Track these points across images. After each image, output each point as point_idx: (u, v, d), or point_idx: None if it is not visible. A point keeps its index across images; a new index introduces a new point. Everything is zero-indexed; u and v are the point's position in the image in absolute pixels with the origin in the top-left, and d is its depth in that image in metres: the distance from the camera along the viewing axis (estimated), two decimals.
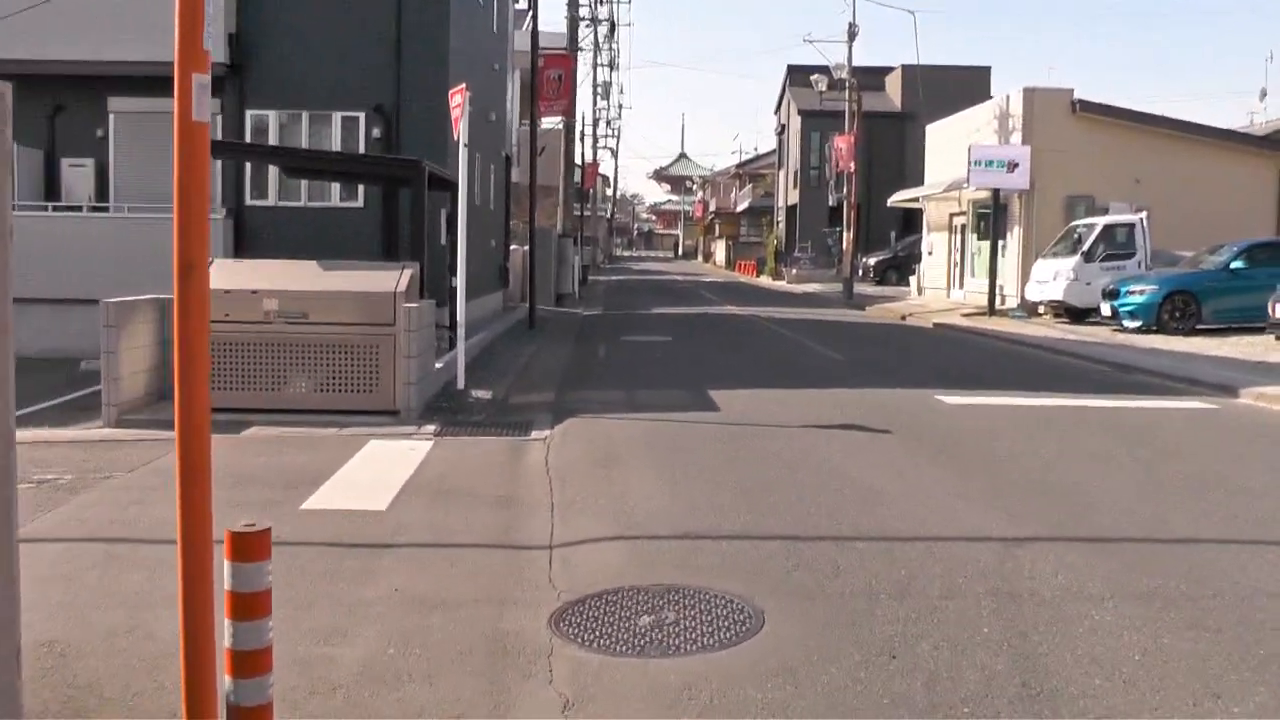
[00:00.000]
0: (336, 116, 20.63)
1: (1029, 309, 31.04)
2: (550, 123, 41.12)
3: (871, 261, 54.34)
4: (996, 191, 31.74)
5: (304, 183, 20.90)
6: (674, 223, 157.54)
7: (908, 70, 60.28)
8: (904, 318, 32.44)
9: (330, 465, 10.22)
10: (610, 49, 55.63)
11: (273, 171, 20.61)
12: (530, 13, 25.77)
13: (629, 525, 7.96)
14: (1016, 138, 32.64)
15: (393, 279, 13.04)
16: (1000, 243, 32.31)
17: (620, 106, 71.04)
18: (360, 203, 20.91)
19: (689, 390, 15.39)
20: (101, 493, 9.22)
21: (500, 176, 30.10)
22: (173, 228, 3.85)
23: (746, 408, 13.66)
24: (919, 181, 56.13)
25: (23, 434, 12.38)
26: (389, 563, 7.05)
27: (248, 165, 20.94)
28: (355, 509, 8.57)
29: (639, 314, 33.29)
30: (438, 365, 14.84)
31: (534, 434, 11.89)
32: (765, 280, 60.20)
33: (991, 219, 32.03)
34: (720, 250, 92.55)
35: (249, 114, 20.79)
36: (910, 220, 58.64)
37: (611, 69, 56.51)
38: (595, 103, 59.49)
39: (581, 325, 28.01)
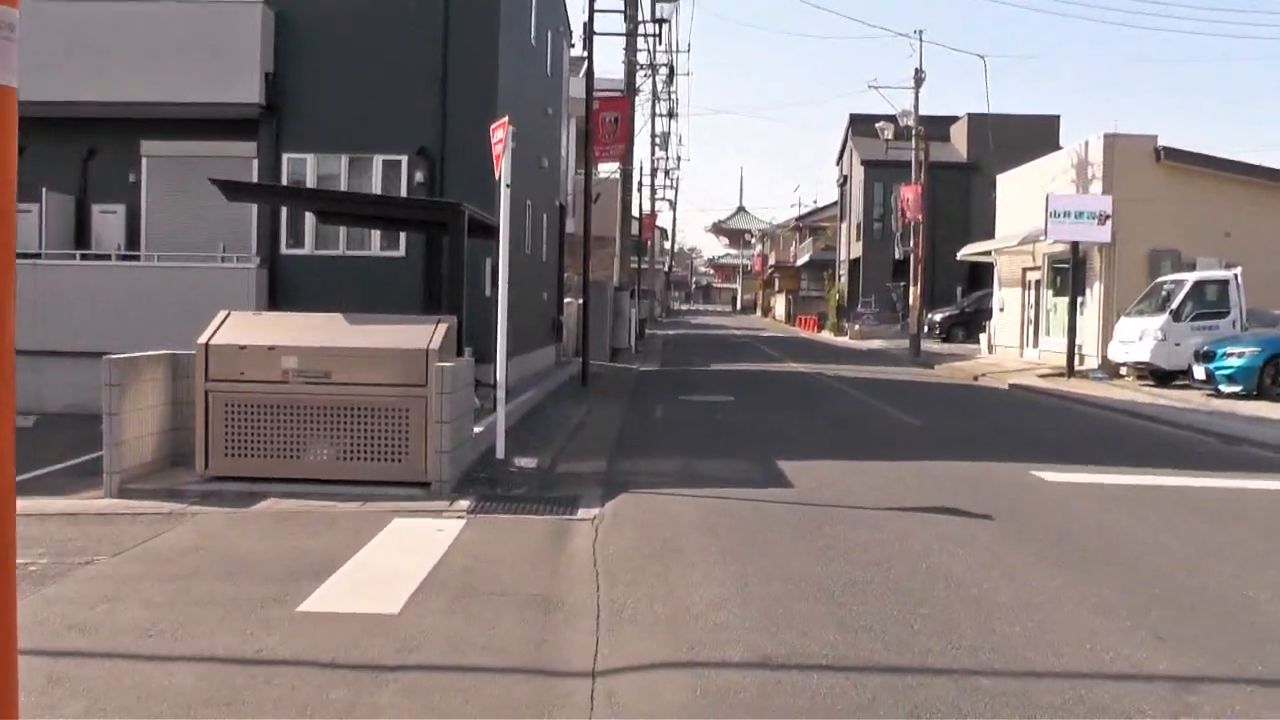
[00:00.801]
0: (377, 160, 19.40)
1: (1110, 370, 29.32)
2: (606, 171, 39.92)
3: (937, 318, 52.63)
4: (1075, 245, 30.09)
5: (342, 231, 19.65)
6: (732, 276, 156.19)
7: (974, 119, 58.79)
8: (976, 378, 30.79)
9: (344, 550, 8.80)
10: (669, 96, 54.56)
11: (309, 219, 19.38)
12: (586, 55, 24.41)
13: (692, 645, 6.43)
14: (1096, 187, 31.00)
15: (425, 334, 11.66)
16: (1079, 299, 30.62)
17: (679, 157, 69.70)
18: (401, 251, 19.60)
19: (755, 460, 13.90)
20: (73, 584, 7.86)
21: (554, 226, 28.83)
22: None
23: (821, 483, 12.13)
24: (985, 234, 54.58)
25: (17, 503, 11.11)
26: (387, 697, 5.57)
27: (284, 212, 19.73)
28: (362, 612, 7.12)
29: (698, 370, 31.82)
30: (477, 429, 13.43)
31: (581, 512, 10.42)
32: (827, 336, 58.59)
33: (1070, 274, 30.37)
34: (780, 304, 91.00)
35: (285, 158, 19.61)
36: (977, 275, 56.93)
37: (670, 118, 55.33)
38: (654, 152, 58.45)
39: (637, 382, 26.57)
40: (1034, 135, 51.22)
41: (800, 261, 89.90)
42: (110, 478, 11.36)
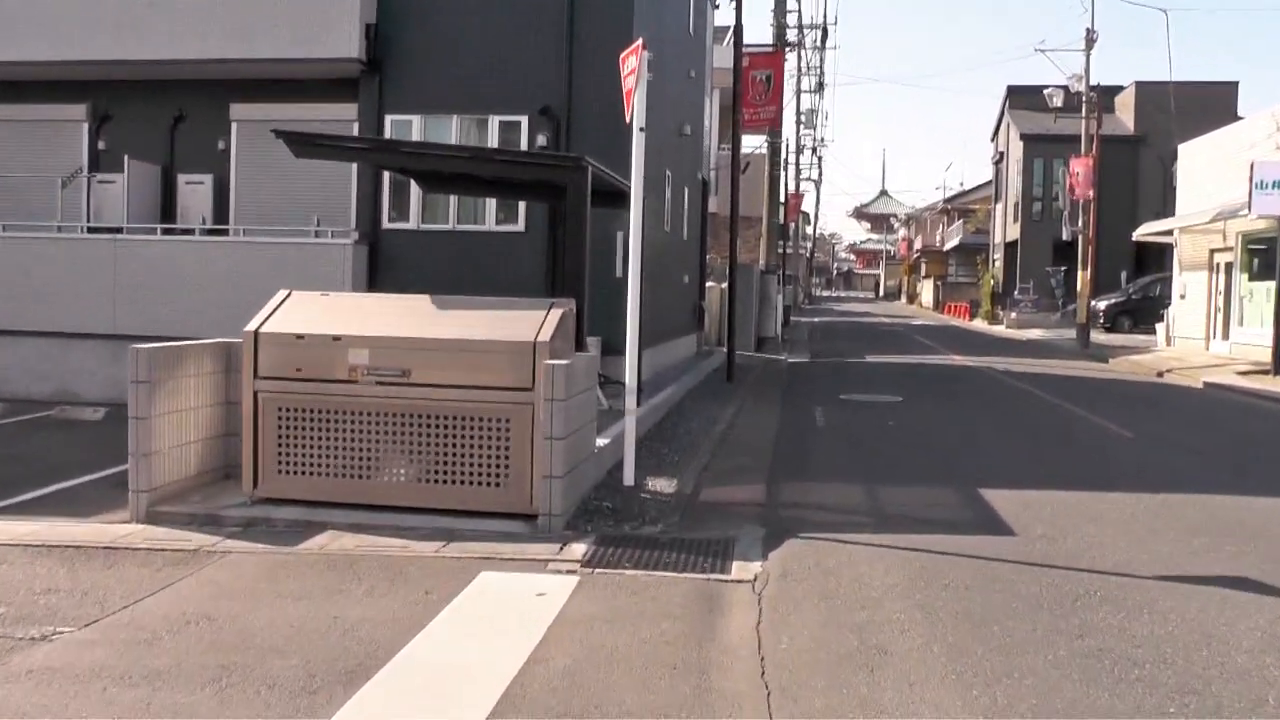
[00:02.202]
0: (494, 121, 16.80)
1: None
2: (750, 145, 37.00)
3: (1102, 306, 48.65)
4: None
5: (452, 204, 17.11)
6: (874, 262, 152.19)
7: (1142, 88, 54.70)
8: (1161, 374, 27.30)
9: (403, 625, 6.24)
10: (819, 65, 50.92)
11: (414, 190, 16.88)
12: (734, 3, 21.53)
13: None
14: None
15: (534, 323, 8.99)
16: None
17: (822, 138, 66.29)
18: (520, 226, 16.99)
19: (953, 487, 10.99)
20: (10, 672, 5.46)
21: (695, 202, 26.05)
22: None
23: (1049, 526, 9.17)
24: (1153, 214, 50.71)
25: (29, 526, 8.70)
26: None
27: (385, 182, 17.23)
28: None
29: (852, 363, 28.78)
30: (601, 442, 10.72)
31: (736, 568, 7.63)
32: (980, 324, 54.93)
33: (1278, 254, 26.71)
34: (927, 291, 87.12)
35: (389, 119, 17.14)
36: (1144, 259, 53.02)
37: (817, 92, 51.90)
38: (799, 129, 55.20)
39: (789, 377, 23.65)
40: (1208, 105, 47.03)
41: (948, 246, 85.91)
42: (136, 498, 9.03)
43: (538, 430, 8.64)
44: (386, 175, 17.08)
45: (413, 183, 16.40)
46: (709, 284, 30.13)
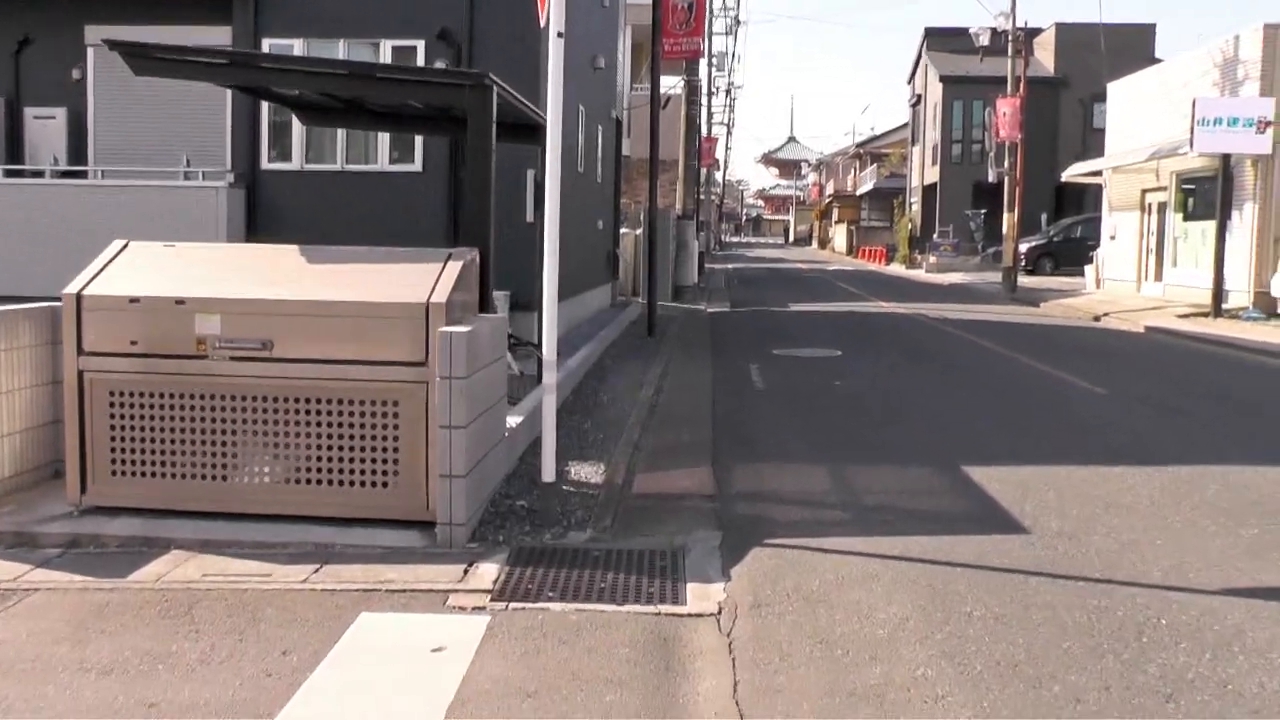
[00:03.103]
0: (386, 46, 14.87)
1: (1266, 308, 24.52)
2: (665, 85, 35.03)
3: (1023, 248, 47.38)
4: (1226, 159, 25.17)
5: (340, 140, 15.15)
6: (783, 208, 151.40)
7: (1062, 30, 53.55)
8: (1098, 318, 26.03)
9: (244, 709, 4.41)
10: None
11: (297, 126, 14.89)
12: None
13: None
14: (1248, 90, 26.00)
15: (427, 279, 7.16)
16: (1226, 224, 25.68)
17: (731, 85, 64.07)
18: (417, 165, 15.09)
19: (931, 465, 9.31)
20: None
21: (609, 143, 24.16)
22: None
23: (1063, 518, 7.52)
24: (1074, 156, 49.67)
25: None
26: None
27: (264, 117, 15.21)
28: None
29: (777, 313, 27.10)
30: (513, 420, 8.94)
31: (693, 597, 5.87)
32: (898, 269, 53.64)
33: (1219, 194, 25.40)
34: (840, 236, 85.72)
35: (266, 43, 15.13)
36: (1063, 201, 52.05)
37: (731, 35, 49.63)
38: (710, 72, 53.04)
39: (713, 329, 21.87)
40: (1126, 47, 45.77)
41: (861, 190, 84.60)
42: None
43: (434, 417, 6.83)
44: (265, 109, 15.09)
45: (296, 122, 14.40)
46: (623, 230, 28.35)
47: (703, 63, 39.41)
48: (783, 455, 9.77)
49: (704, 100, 47.03)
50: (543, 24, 7.26)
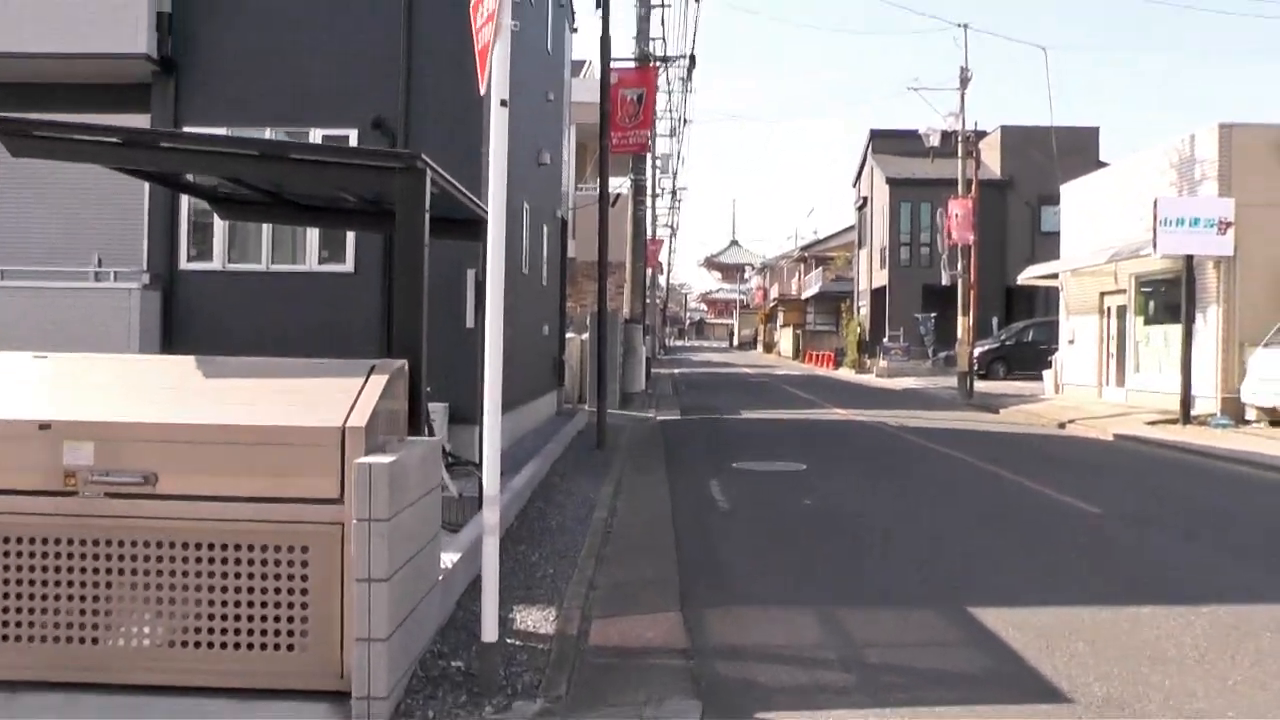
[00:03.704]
0: (316, 135, 13.68)
1: (1235, 415, 23.66)
2: (612, 185, 34.11)
3: (976, 352, 46.85)
4: (1190, 260, 24.44)
5: (265, 237, 13.96)
6: (727, 311, 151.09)
7: (1008, 132, 53.38)
8: (1063, 425, 25.07)
9: None
10: (683, 100, 47.43)
11: (220, 225, 13.70)
12: (600, 9, 18.61)
13: None
14: (1206, 189, 25.33)
15: (344, 397, 5.94)
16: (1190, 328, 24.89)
17: (674, 192, 63.22)
18: (348, 265, 13.89)
19: (934, 607, 8.09)
20: None
21: (555, 244, 23.08)
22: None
23: (1105, 679, 6.30)
24: (1024, 259, 49.22)
25: None
26: None
27: (184, 212, 14.02)
28: None
29: (730, 420, 25.92)
30: (449, 559, 7.67)
31: None
32: (847, 374, 52.70)
33: (1184, 296, 24.65)
34: (786, 340, 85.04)
35: (188, 132, 13.88)
36: (1013, 305, 51.58)
37: (680, 127, 48.74)
38: (654, 175, 52.10)
39: (665, 439, 20.61)
40: (1072, 149, 45.53)
41: (807, 294, 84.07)
42: None
43: (350, 567, 5.58)
44: (185, 204, 13.88)
45: (219, 220, 13.24)
46: (568, 335, 27.23)
47: (649, 161, 38.59)
48: (761, 594, 8.51)
49: (650, 201, 46.20)
50: (483, 90, 6.10)
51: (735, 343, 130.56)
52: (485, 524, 5.99)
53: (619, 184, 35.21)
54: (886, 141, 59.39)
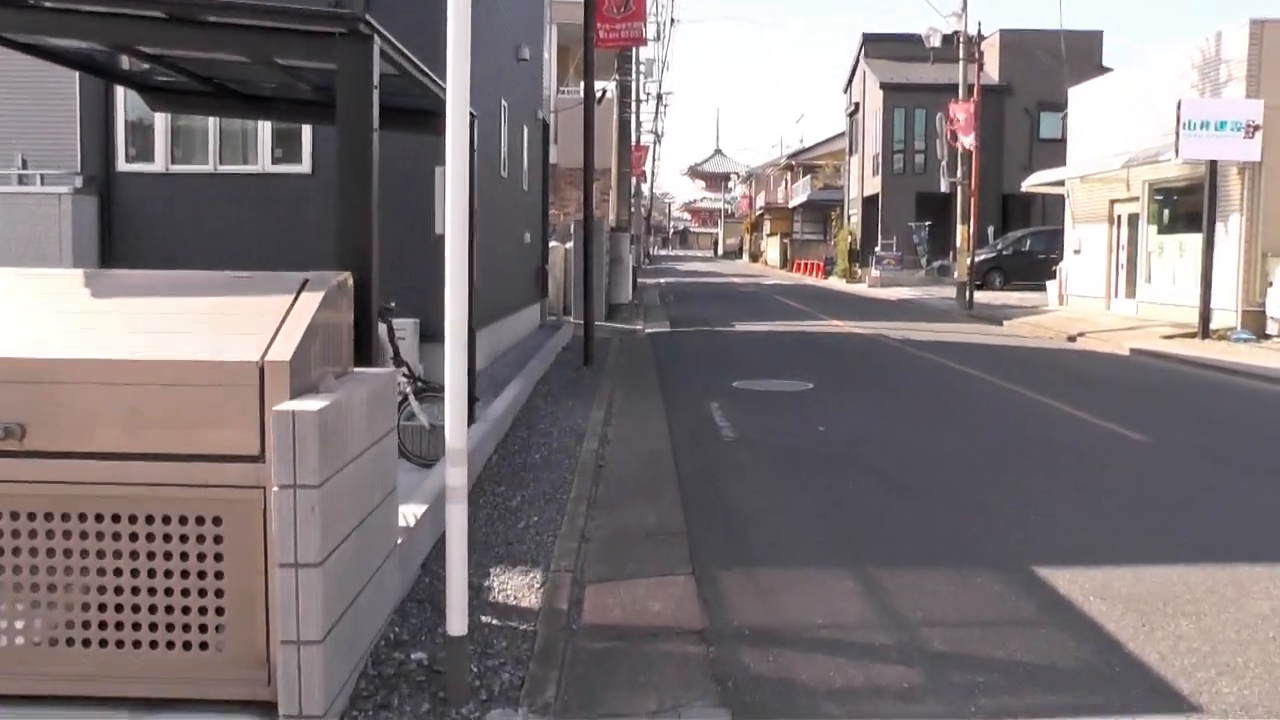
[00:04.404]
0: None
1: (1256, 328, 22.40)
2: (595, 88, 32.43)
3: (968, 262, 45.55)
4: (1213, 166, 23.01)
5: (212, 134, 12.48)
6: (710, 221, 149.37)
7: (1007, 36, 51.53)
8: (1072, 339, 23.79)
9: None
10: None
11: (161, 119, 12.22)
12: None
13: None
14: (1232, 91, 23.85)
15: (267, 322, 4.58)
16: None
17: (660, 94, 61.26)
18: (305, 166, 12.44)
19: (993, 569, 6.72)
20: None
21: (536, 147, 21.58)
22: None
23: (1239, 681, 4.97)
24: (1021, 166, 47.72)
25: None
26: None
27: (120, 105, 12.52)
28: None
29: (723, 333, 24.55)
30: (412, 513, 6.34)
31: None
32: (838, 283, 51.33)
33: (1206, 204, 23.22)
34: (773, 249, 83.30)
35: None
36: (1010, 213, 50.16)
37: (670, 27, 46.72)
38: (638, 79, 50.19)
39: (656, 355, 19.20)
40: (1073, 55, 43.83)
41: (794, 202, 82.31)
42: None
43: (275, 548, 4.24)
44: (122, 96, 12.38)
45: (157, 114, 11.75)
46: (552, 244, 25.80)
47: (634, 62, 36.88)
48: (785, 551, 7.18)
49: (634, 106, 44.53)
50: None
51: (720, 252, 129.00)
52: (449, 486, 4.62)
53: (603, 88, 33.61)
54: (879, 46, 57.52)
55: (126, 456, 4.36)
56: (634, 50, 34.70)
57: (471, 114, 9.17)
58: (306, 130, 12.28)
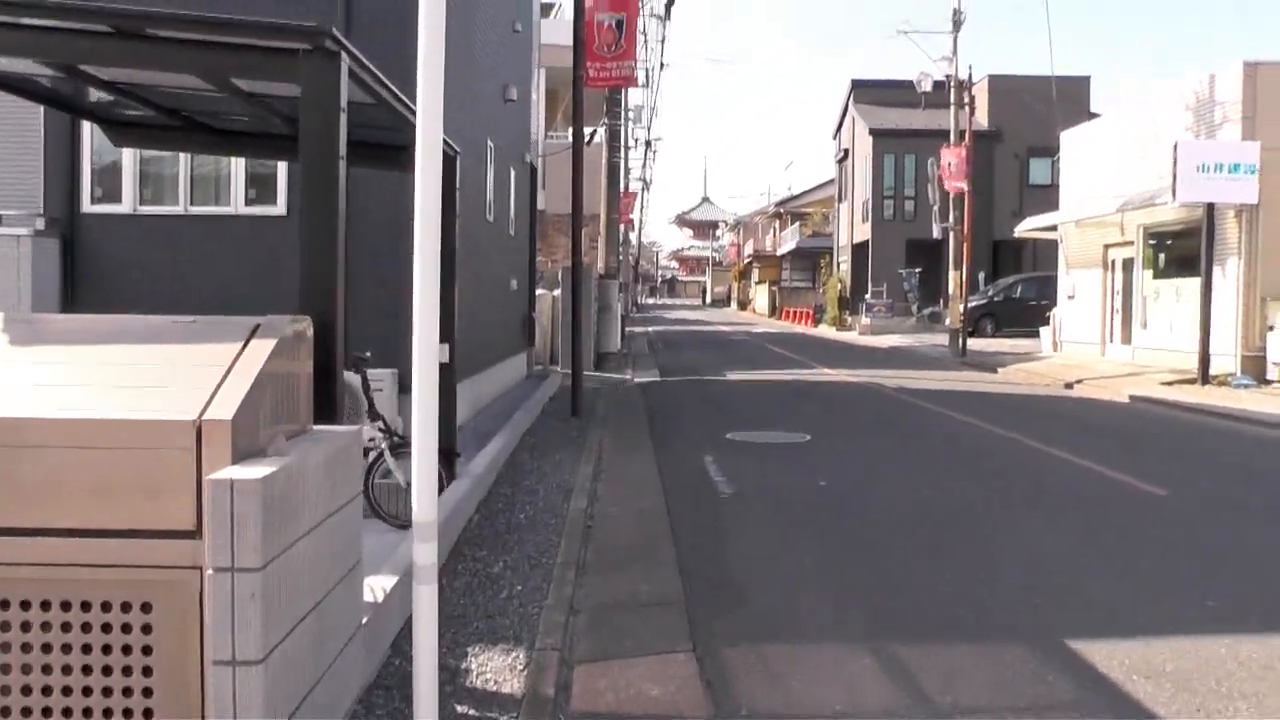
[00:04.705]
0: None
1: (1257, 373, 21.89)
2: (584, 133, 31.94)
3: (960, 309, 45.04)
4: (1211, 209, 22.54)
5: (182, 173, 11.90)
6: (698, 269, 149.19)
7: (995, 82, 51.26)
8: (1069, 385, 23.23)
9: None
10: (662, 30, 44.66)
11: (130, 157, 11.64)
12: None
13: None
14: (1228, 133, 23.45)
15: (209, 375, 3.97)
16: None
17: (650, 141, 60.73)
18: (280, 207, 11.86)
19: (1028, 642, 6.07)
20: None
21: (523, 191, 21.06)
22: None
23: None
24: (1011, 212, 47.39)
25: None
26: None
27: (85, 143, 11.94)
28: None
29: (714, 383, 23.95)
30: (380, 587, 5.71)
31: None
32: (828, 331, 50.81)
33: (1204, 247, 22.71)
34: (762, 296, 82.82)
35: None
36: (1000, 260, 49.79)
37: (657, 71, 46.17)
38: (627, 124, 49.66)
39: (648, 406, 18.53)
40: (1063, 99, 43.54)
41: (783, 250, 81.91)
42: None
43: (210, 645, 3.62)
44: (89, 133, 11.82)
45: (126, 152, 11.20)
46: (540, 292, 25.24)
47: (623, 105, 36.44)
48: (795, 624, 6.54)
49: (623, 152, 44.09)
50: None
51: (708, 300, 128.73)
52: (416, 565, 4.01)
53: (592, 131, 33.17)
54: (868, 91, 57.23)
55: (41, 532, 3.76)
56: (623, 94, 34.30)
57: (453, 149, 8.61)
58: (282, 170, 11.72)
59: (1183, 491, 10.83)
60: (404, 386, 11.13)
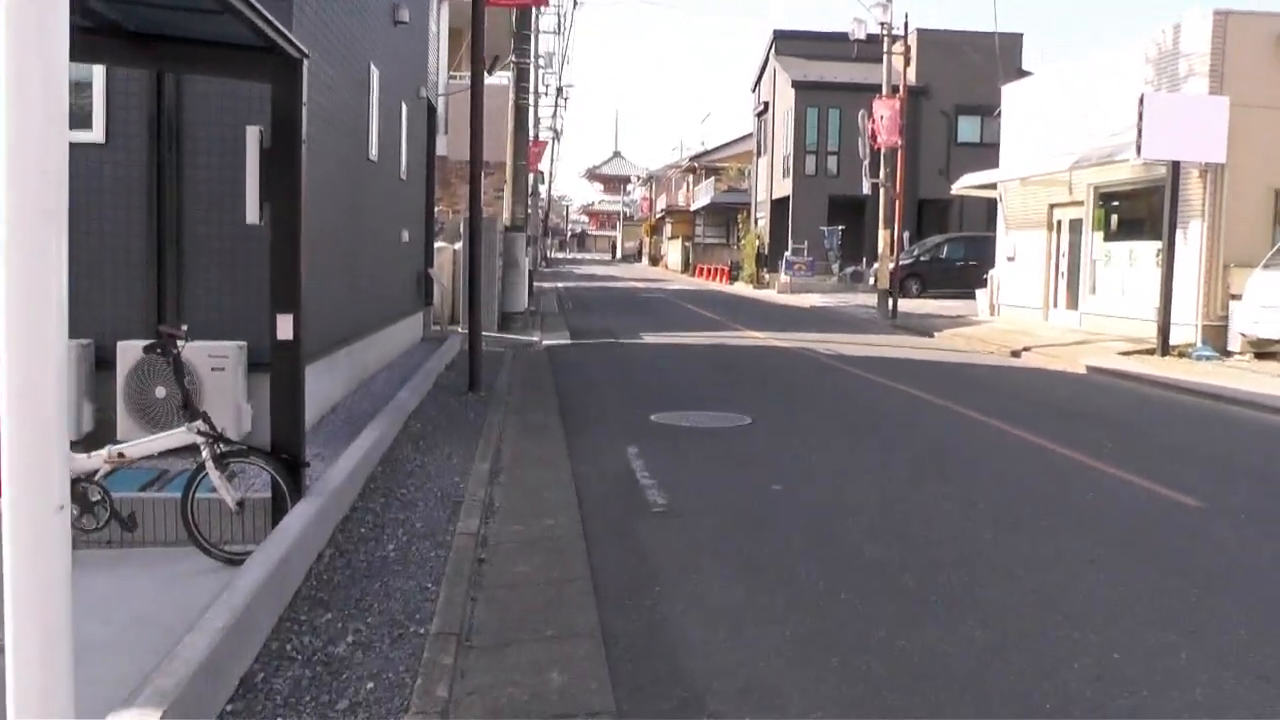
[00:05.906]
0: None
1: (1218, 345, 20.15)
2: (490, 82, 29.44)
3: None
4: (1176, 168, 20.66)
5: None
6: (609, 224, 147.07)
7: (924, 36, 49.21)
8: (1016, 354, 21.34)
9: None
10: None
11: None
12: None
13: None
14: (1194, 86, 21.57)
15: None
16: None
17: (562, 88, 58.10)
18: (97, 133, 9.37)
19: None
20: None
21: (419, 132, 18.64)
22: None
23: None
24: (938, 170, 45.75)
25: None
26: None
27: None
28: None
29: (631, 347, 21.66)
30: (201, 637, 3.40)
31: None
32: (745, 289, 48.75)
33: (1167, 208, 20.81)
34: (674, 252, 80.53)
35: None
36: (925, 219, 48.09)
37: (571, 13, 43.65)
38: (537, 68, 46.96)
39: (558, 378, 16.11)
40: (993, 56, 41.75)
41: (696, 205, 79.77)
42: None
43: None
44: None
45: None
46: (439, 244, 22.84)
47: (533, 43, 33.98)
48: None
49: (532, 99, 41.60)
50: None
51: (619, 255, 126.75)
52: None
53: (500, 73, 30.77)
54: (791, 43, 55.08)
55: None
56: (533, 33, 31.85)
57: (298, 49, 6.25)
58: (98, 88, 9.25)
59: (1218, 504, 8.79)
60: (255, 363, 8.76)
